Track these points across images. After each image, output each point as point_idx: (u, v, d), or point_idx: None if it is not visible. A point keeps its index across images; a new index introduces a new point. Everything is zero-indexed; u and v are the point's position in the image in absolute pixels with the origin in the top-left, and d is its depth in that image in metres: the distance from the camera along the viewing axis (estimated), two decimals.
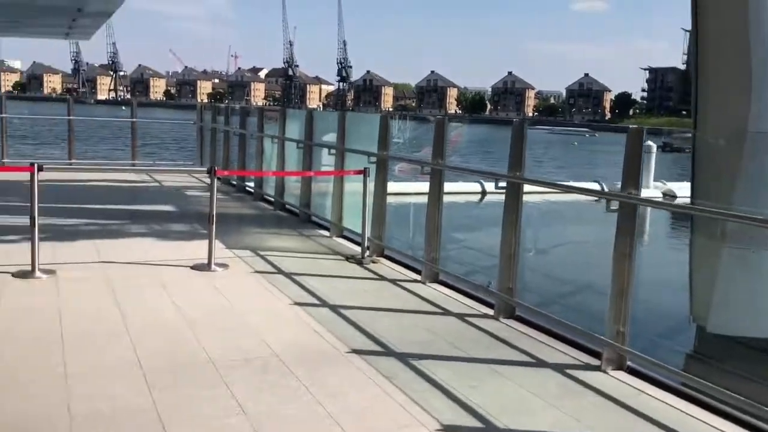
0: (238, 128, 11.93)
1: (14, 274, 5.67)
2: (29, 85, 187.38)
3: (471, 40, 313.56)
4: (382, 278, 6.25)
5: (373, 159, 7.04)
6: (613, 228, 4.21)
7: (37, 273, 5.66)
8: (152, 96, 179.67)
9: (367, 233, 6.94)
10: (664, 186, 20.30)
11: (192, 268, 6.22)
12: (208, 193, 6.32)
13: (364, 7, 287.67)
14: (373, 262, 6.82)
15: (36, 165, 5.62)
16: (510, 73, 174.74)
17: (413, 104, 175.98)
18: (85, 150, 26.77)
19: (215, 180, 6.26)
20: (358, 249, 7.29)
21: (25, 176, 5.81)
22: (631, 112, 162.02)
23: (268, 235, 8.20)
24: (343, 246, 7.62)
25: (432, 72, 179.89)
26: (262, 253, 7.01)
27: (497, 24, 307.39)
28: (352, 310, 5.17)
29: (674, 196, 18.34)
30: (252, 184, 11.32)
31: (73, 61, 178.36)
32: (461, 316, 5.16)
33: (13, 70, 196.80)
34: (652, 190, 19.46)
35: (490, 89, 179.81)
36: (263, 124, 10.79)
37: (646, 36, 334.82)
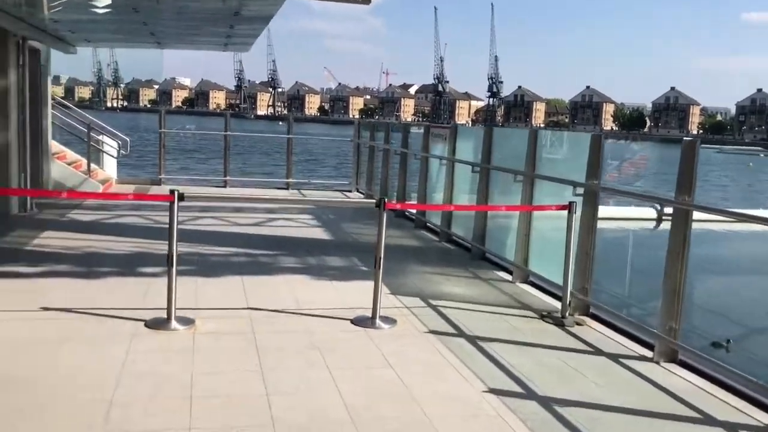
0: (399, 147, 10.81)
1: (147, 323, 4.74)
2: (197, 100, 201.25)
3: (630, 54, 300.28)
4: (597, 351, 4.73)
5: (579, 190, 5.56)
6: None
7: (173, 323, 4.70)
8: (307, 111, 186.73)
9: (569, 285, 5.45)
10: None
11: (352, 322, 5.05)
12: (366, 219, 5.11)
13: (517, 22, 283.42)
14: (578, 323, 5.32)
15: (176, 193, 4.66)
16: (673, 88, 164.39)
17: (566, 120, 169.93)
18: (243, 164, 27.18)
19: (384, 215, 5.04)
20: (552, 302, 5.86)
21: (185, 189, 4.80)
22: None
23: (437, 276, 6.88)
24: (532, 296, 6.17)
25: (587, 87, 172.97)
26: (434, 302, 5.72)
27: (658, 37, 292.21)
28: (571, 407, 3.71)
29: None
30: (413, 210, 10.11)
31: (237, 78, 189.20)
32: (732, 429, 3.56)
33: (183, 87, 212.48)
34: None
35: (650, 105, 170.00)
36: (428, 143, 9.56)
37: None
